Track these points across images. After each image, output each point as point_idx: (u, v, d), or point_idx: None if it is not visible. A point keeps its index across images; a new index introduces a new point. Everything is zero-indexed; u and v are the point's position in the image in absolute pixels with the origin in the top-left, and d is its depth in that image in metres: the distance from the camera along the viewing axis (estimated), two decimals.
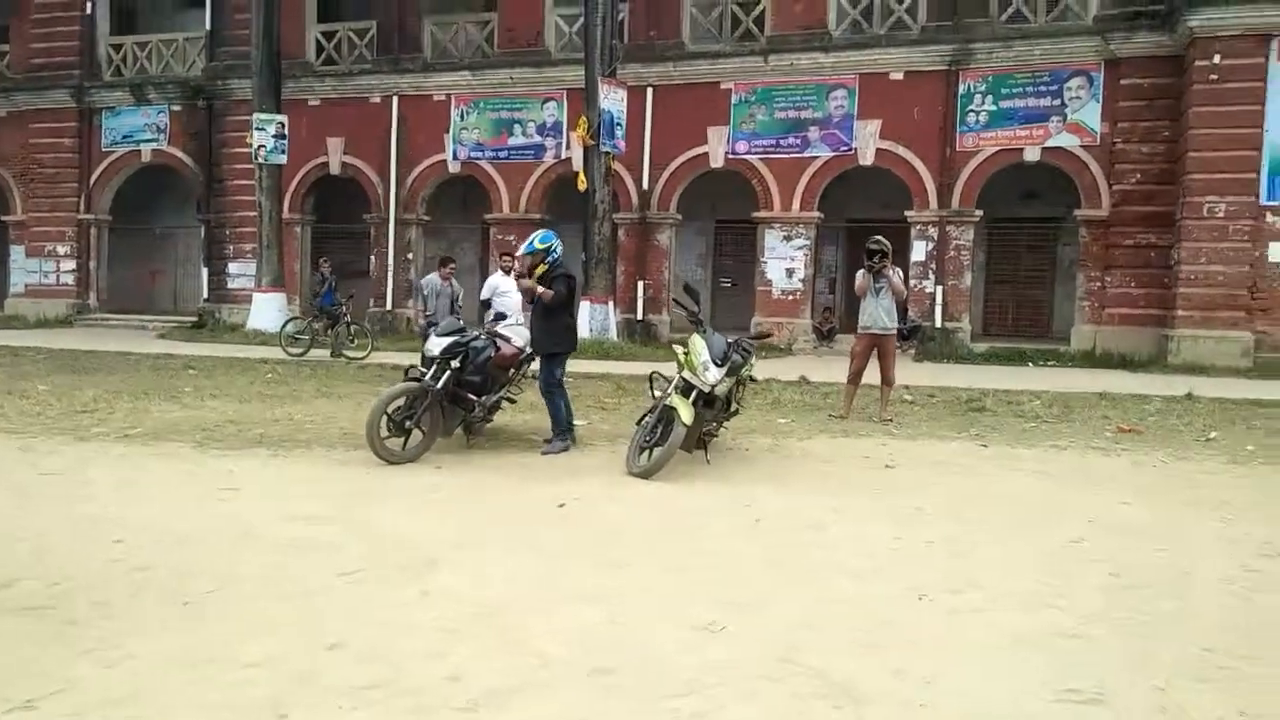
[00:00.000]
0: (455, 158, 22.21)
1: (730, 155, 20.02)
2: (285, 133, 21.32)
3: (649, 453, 7.14)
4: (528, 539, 5.36)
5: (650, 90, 20.28)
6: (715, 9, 20.52)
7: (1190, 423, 9.92)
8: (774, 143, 19.74)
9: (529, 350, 8.30)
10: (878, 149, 19.05)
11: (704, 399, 7.24)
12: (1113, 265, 17.71)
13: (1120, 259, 17.65)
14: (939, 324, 18.38)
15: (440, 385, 7.48)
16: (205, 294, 24.22)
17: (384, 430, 7.33)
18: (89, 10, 24.96)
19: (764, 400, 10.79)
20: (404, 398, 7.49)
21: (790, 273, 19.68)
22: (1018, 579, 4.76)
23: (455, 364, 7.55)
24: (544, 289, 7.87)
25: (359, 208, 23.20)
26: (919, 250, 18.76)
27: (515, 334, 8.33)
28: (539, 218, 21.29)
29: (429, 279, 11.93)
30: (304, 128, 22.61)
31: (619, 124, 18.27)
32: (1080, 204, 18.03)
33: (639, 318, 20.39)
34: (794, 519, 5.87)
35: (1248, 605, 4.43)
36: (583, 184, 17.92)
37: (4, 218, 26.40)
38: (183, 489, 6.37)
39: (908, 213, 18.90)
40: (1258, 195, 16.01)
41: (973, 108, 18.58)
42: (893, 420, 9.77)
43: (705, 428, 7.45)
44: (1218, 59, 16.12)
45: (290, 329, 16.93)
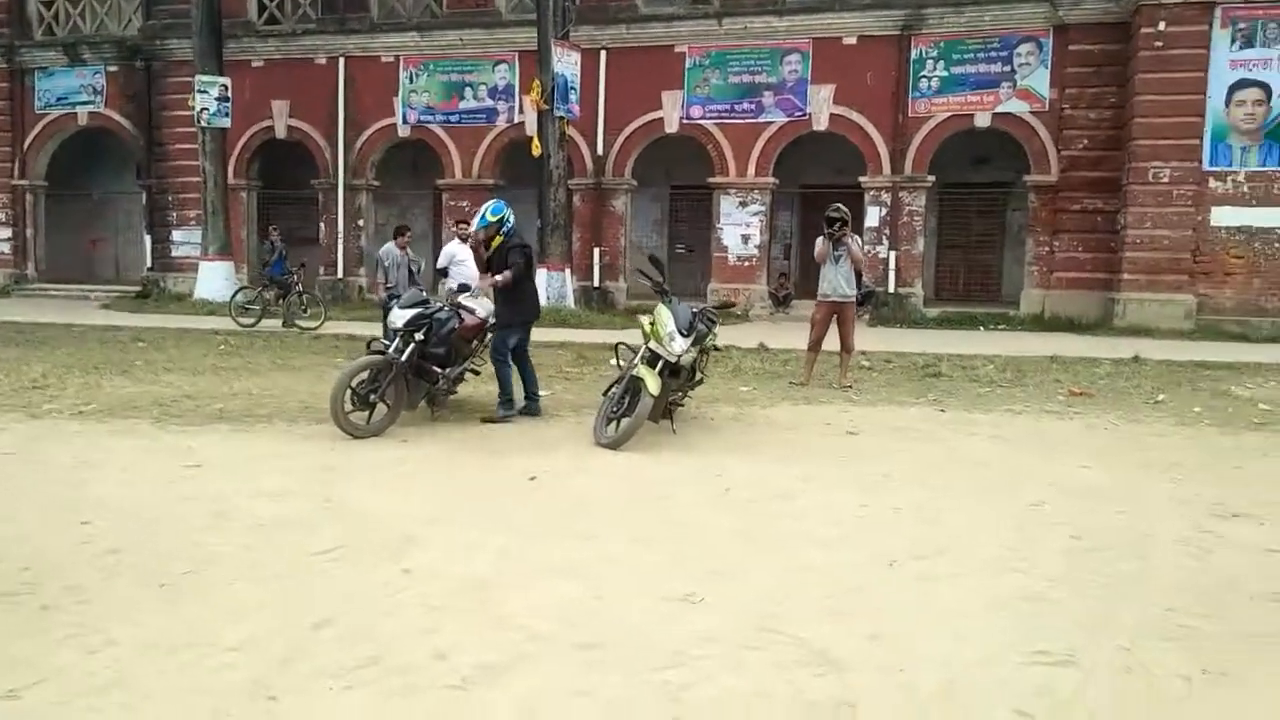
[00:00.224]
0: (405, 121, 21.86)
1: (685, 120, 19.95)
2: (229, 95, 20.81)
3: (616, 423, 7.18)
4: (502, 513, 5.37)
5: (604, 53, 20.11)
6: None
7: (1139, 385, 10.19)
8: (728, 107, 19.71)
9: (492, 320, 8.27)
10: (831, 114, 19.12)
11: (670, 369, 7.29)
12: (1061, 230, 18.03)
13: (1068, 224, 17.98)
14: (892, 289, 18.63)
15: (404, 358, 7.43)
16: (149, 262, 23.68)
17: (348, 404, 7.27)
18: None
19: (725, 368, 10.87)
20: (368, 371, 7.43)
21: (746, 239, 19.75)
22: (984, 544, 4.89)
23: (419, 336, 7.51)
24: (501, 276, 7.83)
25: (306, 173, 22.76)
26: (872, 216, 18.92)
27: (478, 304, 8.27)
28: (492, 183, 21.12)
29: (387, 249, 11.73)
30: (247, 90, 22.08)
31: (573, 88, 18.10)
32: (1030, 169, 18.31)
33: (596, 285, 20.35)
34: (762, 488, 5.95)
35: (1204, 565, 4.60)
36: (537, 149, 17.75)
37: None
38: (146, 467, 6.27)
39: (861, 178, 19.05)
40: (1200, 161, 16.39)
41: (925, 73, 18.71)
42: (852, 387, 9.91)
43: (671, 397, 7.52)
44: (1162, 26, 16.40)
45: (240, 299, 16.63)
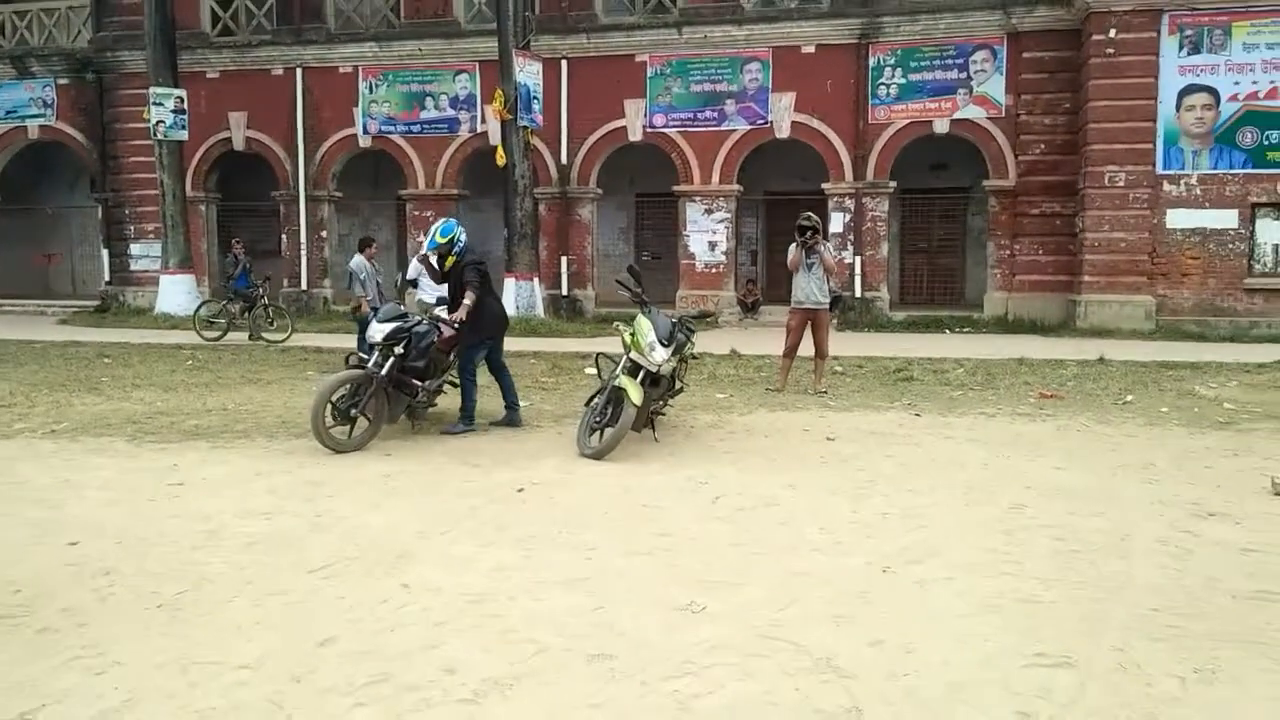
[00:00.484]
0: (366, 132, 21.70)
1: (648, 128, 20.02)
2: (185, 107, 20.55)
3: (600, 433, 7.21)
4: (493, 526, 5.38)
5: (565, 63, 20.12)
6: None
7: (1106, 387, 10.40)
8: (691, 115, 19.82)
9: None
10: (793, 121, 19.30)
11: (651, 378, 7.35)
12: (1021, 234, 18.34)
13: (1028, 227, 18.29)
14: (859, 294, 18.81)
15: (385, 372, 7.41)
16: (107, 277, 23.29)
17: (329, 419, 7.24)
18: None
19: (700, 375, 10.93)
20: (348, 385, 7.40)
21: (713, 245, 19.85)
22: (972, 546, 4.99)
23: (399, 350, 7.49)
24: (464, 304, 7.79)
25: (266, 185, 22.50)
26: (837, 222, 19.11)
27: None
28: (456, 193, 21.06)
29: (358, 262, 11.66)
30: (203, 102, 21.83)
31: (536, 98, 18.13)
32: (988, 174, 18.60)
33: (564, 293, 20.31)
34: (750, 496, 6.00)
35: (1185, 565, 4.72)
36: (502, 159, 17.71)
37: None
38: (127, 486, 6.19)
39: (825, 185, 19.24)
40: (1154, 164, 16.75)
41: (883, 81, 18.96)
42: (827, 392, 10.02)
43: (652, 406, 7.57)
44: (1113, 33, 16.77)
45: (205, 312, 16.45)
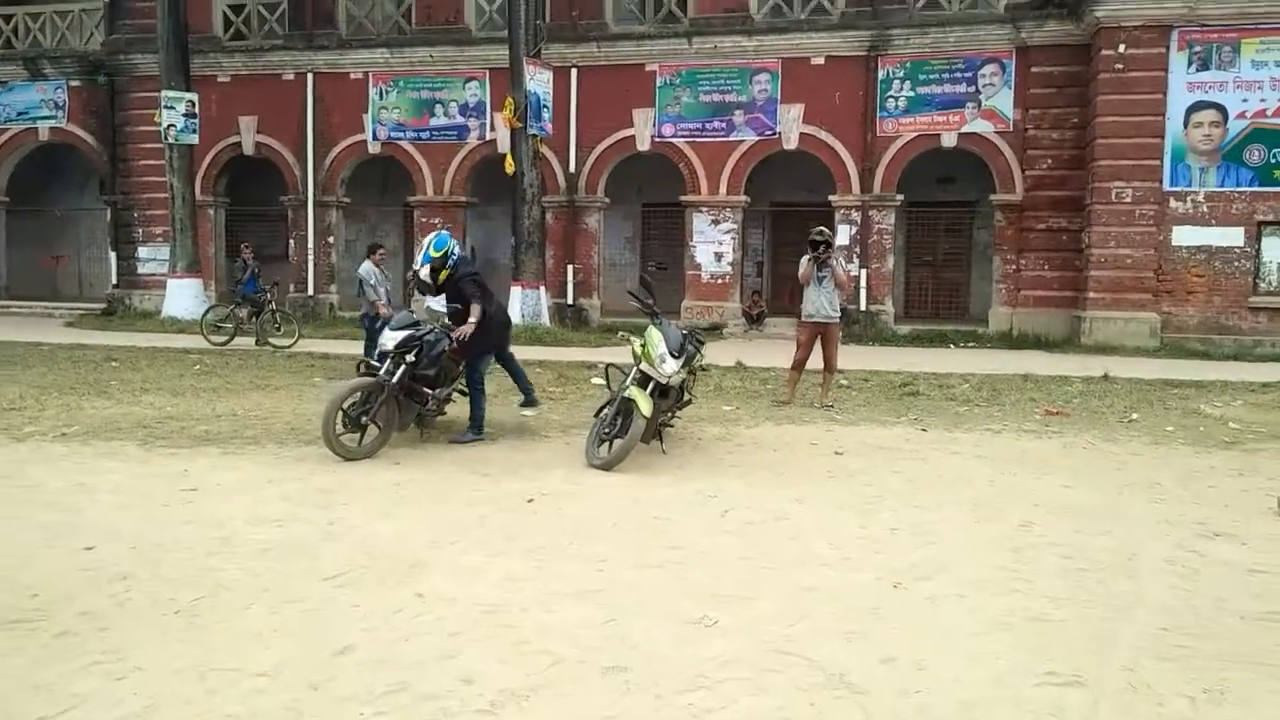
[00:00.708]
0: (375, 138, 21.77)
1: (656, 138, 20.08)
2: (196, 111, 20.63)
3: (609, 444, 7.25)
4: (503, 536, 5.41)
5: (575, 71, 20.19)
6: None
7: (1111, 404, 10.42)
8: (700, 126, 19.88)
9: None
10: (801, 133, 19.36)
11: (660, 389, 7.39)
12: (1027, 248, 18.38)
13: (1034, 242, 18.32)
14: (864, 307, 18.83)
15: (396, 380, 7.45)
16: (114, 279, 23.34)
17: (339, 426, 7.27)
18: None
19: (707, 387, 10.96)
20: (359, 393, 7.44)
21: (719, 256, 19.88)
22: (981, 564, 5.02)
23: (410, 358, 7.53)
24: (471, 320, 7.82)
25: (275, 189, 22.57)
26: (842, 234, 19.10)
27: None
28: (464, 200, 21.15)
29: (368, 269, 11.72)
30: (214, 105, 21.91)
31: (545, 106, 18.20)
32: (995, 188, 18.64)
33: (570, 302, 20.37)
34: (759, 510, 6.03)
35: (1193, 585, 4.74)
36: (511, 167, 17.78)
37: None
38: (140, 491, 6.23)
39: (831, 197, 19.28)
40: (1161, 181, 16.79)
41: (892, 93, 19.01)
42: (833, 406, 10.05)
43: (660, 418, 7.60)
44: (1122, 48, 16.82)
45: (212, 317, 16.50)
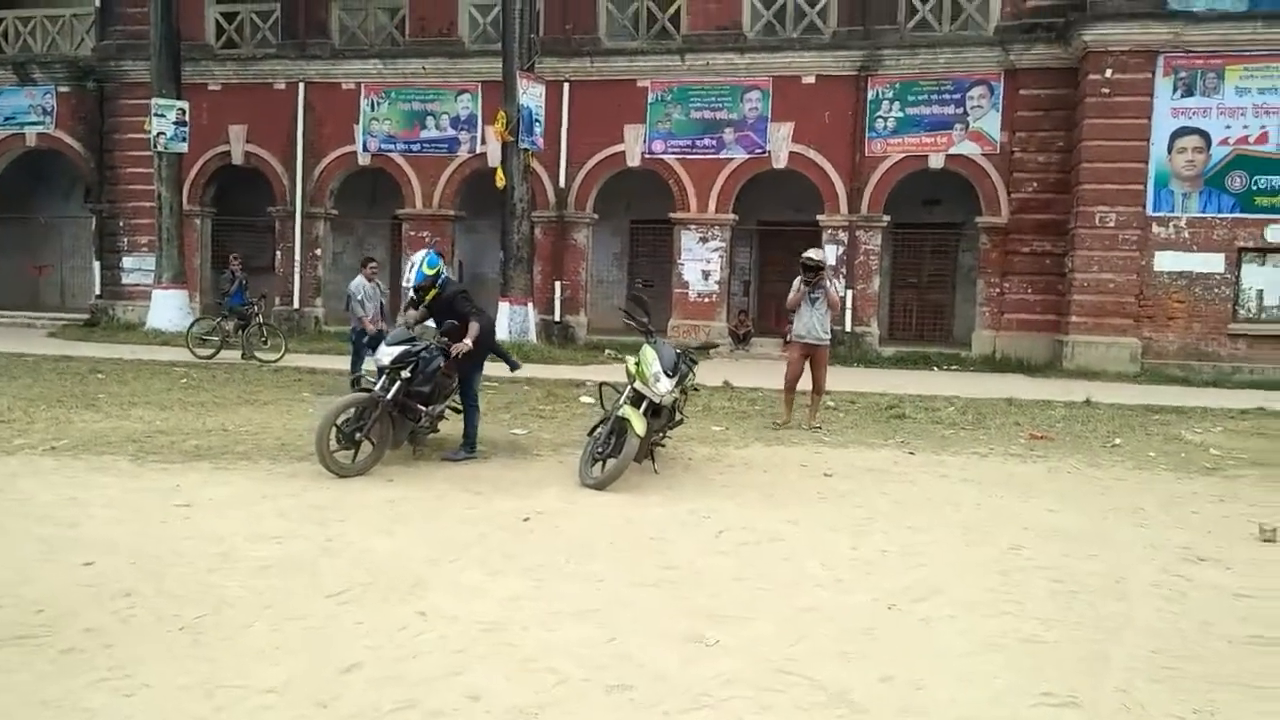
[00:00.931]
0: (365, 149, 21.77)
1: (647, 154, 20.17)
2: (186, 119, 20.57)
3: (602, 464, 7.29)
4: (501, 554, 5.45)
5: (567, 85, 20.26)
6: (631, 5, 20.53)
7: (1094, 429, 10.55)
8: (690, 143, 20.01)
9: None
10: (790, 152, 19.49)
11: (652, 409, 7.44)
12: (1011, 272, 18.55)
13: (1018, 266, 18.49)
14: (849, 328, 18.90)
15: (391, 395, 7.47)
16: (98, 290, 23.17)
17: (333, 442, 7.28)
18: None
19: (695, 407, 10.98)
20: (353, 409, 7.45)
21: (706, 275, 19.96)
22: (972, 586, 5.10)
23: (405, 374, 7.56)
24: (469, 338, 7.79)
25: (262, 200, 22.51)
26: (829, 254, 19.24)
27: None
28: (453, 214, 21.18)
29: (358, 284, 11.75)
30: (204, 114, 21.85)
31: (538, 120, 18.25)
32: (981, 211, 18.82)
33: (556, 319, 20.39)
34: (753, 531, 6.09)
35: (1179, 609, 4.84)
36: (501, 181, 17.82)
37: None
38: (134, 506, 6.23)
39: (819, 216, 19.42)
40: (1144, 206, 17.00)
41: (881, 114, 19.20)
42: (821, 427, 10.14)
43: (652, 437, 7.66)
44: (1109, 73, 17.02)
45: (198, 330, 16.36)
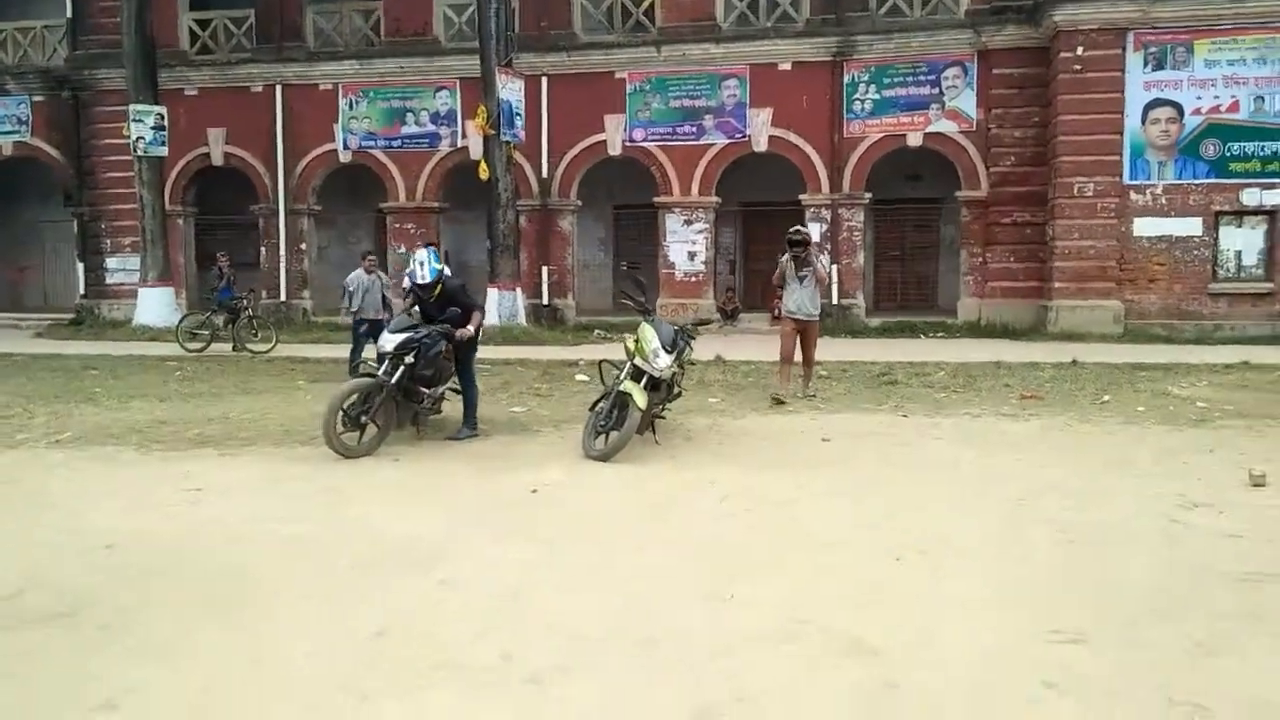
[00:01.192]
0: (346, 147, 21.81)
1: (628, 143, 20.30)
2: (165, 124, 20.53)
3: (605, 437, 7.42)
4: (514, 526, 5.55)
5: (545, 79, 20.37)
6: (605, 0, 20.65)
7: (1082, 388, 10.74)
8: (670, 130, 20.12)
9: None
10: (770, 136, 19.66)
11: (652, 383, 7.58)
12: (993, 242, 18.82)
13: (1000, 236, 18.77)
14: (835, 301, 19.11)
15: (395, 380, 7.58)
16: (82, 290, 23.16)
17: (339, 425, 7.39)
18: None
19: (690, 381, 11.11)
20: (358, 393, 7.56)
21: (692, 255, 20.16)
22: (977, 538, 5.24)
23: (409, 359, 7.66)
24: (473, 323, 8.08)
25: (244, 198, 22.51)
26: (813, 232, 19.41)
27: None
28: (437, 206, 21.26)
29: (355, 276, 11.92)
30: (182, 118, 21.76)
31: (518, 114, 18.31)
32: (961, 185, 19.07)
33: (545, 302, 20.55)
34: (758, 495, 6.22)
35: (1178, 552, 4.99)
36: (485, 173, 17.89)
37: None
38: (146, 493, 6.29)
39: (801, 196, 19.60)
40: (1121, 175, 17.28)
41: (858, 96, 19.38)
42: (815, 395, 10.30)
43: (653, 410, 7.78)
44: (1080, 51, 17.28)
45: (188, 324, 16.50)
